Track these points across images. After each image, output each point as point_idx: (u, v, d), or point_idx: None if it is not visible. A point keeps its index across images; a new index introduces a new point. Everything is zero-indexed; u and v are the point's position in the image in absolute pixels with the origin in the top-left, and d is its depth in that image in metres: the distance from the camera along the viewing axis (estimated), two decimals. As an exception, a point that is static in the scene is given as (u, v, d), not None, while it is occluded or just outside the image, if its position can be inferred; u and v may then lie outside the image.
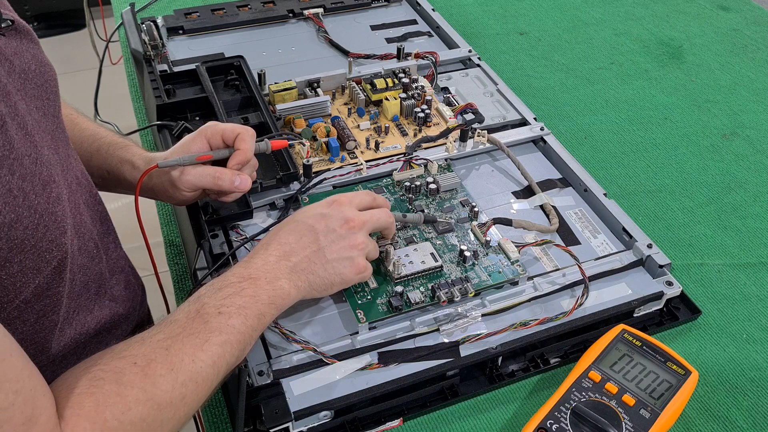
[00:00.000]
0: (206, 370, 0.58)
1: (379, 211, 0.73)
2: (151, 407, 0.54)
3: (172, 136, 0.91)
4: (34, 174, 0.53)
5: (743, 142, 1.05)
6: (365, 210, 0.73)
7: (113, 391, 0.53)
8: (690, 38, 1.28)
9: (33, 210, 0.52)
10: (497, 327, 0.73)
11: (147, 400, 0.54)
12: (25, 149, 0.52)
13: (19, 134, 0.52)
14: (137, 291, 0.76)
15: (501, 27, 1.30)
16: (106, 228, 0.70)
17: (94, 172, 0.77)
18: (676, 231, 0.90)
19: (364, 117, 0.99)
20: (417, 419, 0.70)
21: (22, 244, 0.51)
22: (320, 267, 0.68)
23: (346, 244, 0.69)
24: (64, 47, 2.90)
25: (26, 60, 0.58)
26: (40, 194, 0.53)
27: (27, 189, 0.52)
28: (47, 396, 0.50)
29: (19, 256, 0.52)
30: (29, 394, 0.48)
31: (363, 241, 0.70)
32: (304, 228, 0.68)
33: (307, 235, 0.68)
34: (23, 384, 0.47)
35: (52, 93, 0.62)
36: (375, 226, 0.72)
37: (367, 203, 0.74)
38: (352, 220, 0.70)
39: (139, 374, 0.54)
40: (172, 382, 0.55)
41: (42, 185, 0.53)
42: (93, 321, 0.66)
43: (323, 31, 1.20)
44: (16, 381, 0.47)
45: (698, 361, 0.75)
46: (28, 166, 0.52)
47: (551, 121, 1.06)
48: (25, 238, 0.52)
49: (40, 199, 0.53)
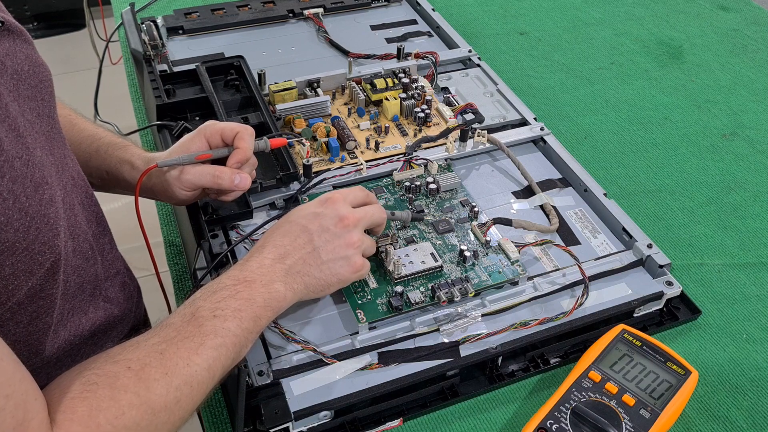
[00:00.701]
0: (201, 374, 0.57)
1: (372, 207, 0.73)
2: (145, 411, 0.53)
3: (172, 136, 0.91)
4: (26, 176, 0.52)
5: (743, 142, 1.05)
6: (359, 206, 0.72)
7: (107, 396, 0.52)
8: (690, 38, 1.28)
9: (24, 212, 0.52)
10: (497, 327, 0.73)
11: (141, 404, 0.53)
12: (16, 151, 0.52)
13: (10, 136, 0.52)
14: (133, 292, 0.76)
15: (501, 27, 1.30)
16: (102, 229, 0.70)
17: (93, 172, 0.77)
18: (676, 231, 0.90)
19: (364, 117, 0.99)
20: (417, 419, 0.70)
21: (13, 246, 0.51)
22: (316, 268, 0.67)
23: (342, 242, 0.68)
24: (64, 47, 2.90)
25: (19, 61, 0.58)
26: (32, 196, 0.53)
27: (18, 191, 0.51)
28: (39, 400, 0.50)
29: (10, 258, 0.51)
30: (21, 398, 0.47)
31: (359, 239, 0.69)
32: (298, 229, 0.68)
33: (302, 236, 0.67)
34: (14, 388, 0.47)
35: (47, 94, 0.61)
36: (369, 223, 0.72)
37: (361, 199, 0.73)
38: (346, 218, 0.69)
39: (133, 378, 0.54)
40: (166, 386, 0.55)
41: (34, 187, 0.53)
42: (88, 323, 0.65)
43: (323, 31, 1.20)
44: (8, 385, 0.46)
45: (698, 361, 0.75)
46: (19, 169, 0.52)
47: (551, 121, 1.06)
48: (16, 240, 0.51)
49: (32, 201, 0.52)
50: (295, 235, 0.67)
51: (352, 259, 0.69)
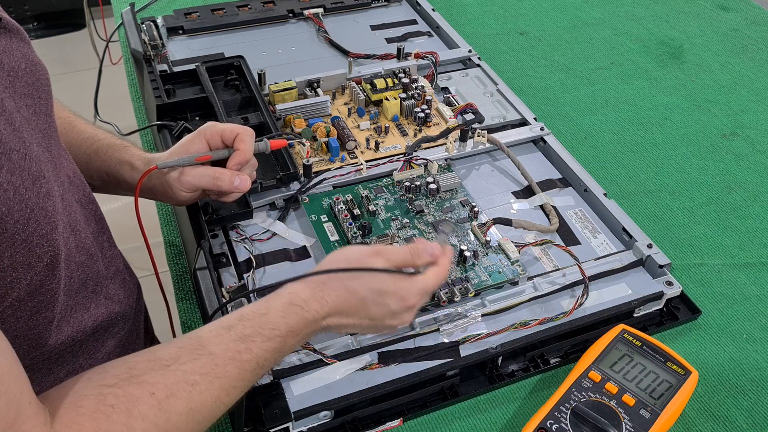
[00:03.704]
0: (222, 409, 0.56)
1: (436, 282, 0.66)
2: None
3: (172, 136, 0.91)
4: (23, 169, 0.52)
5: (743, 142, 1.05)
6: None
7: (121, 422, 0.49)
8: (690, 38, 1.28)
9: (24, 204, 0.51)
10: (497, 327, 0.73)
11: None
12: (13, 144, 0.52)
13: (7, 129, 0.52)
14: (133, 290, 0.76)
15: (501, 27, 1.30)
16: (101, 227, 0.70)
17: (93, 174, 0.77)
18: (676, 231, 0.90)
19: (364, 117, 0.99)
20: (417, 419, 0.70)
21: (12, 238, 0.51)
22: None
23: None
24: (64, 47, 2.90)
25: (16, 58, 0.58)
26: (30, 189, 0.52)
27: (17, 183, 0.51)
28: (34, 404, 0.47)
29: (9, 250, 0.51)
30: (14, 398, 0.45)
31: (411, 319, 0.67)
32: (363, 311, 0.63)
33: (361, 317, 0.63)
34: (8, 387, 0.45)
35: (44, 92, 0.61)
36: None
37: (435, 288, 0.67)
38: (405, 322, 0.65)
39: (155, 408, 0.51)
40: (187, 421, 0.53)
41: (32, 180, 0.53)
42: (90, 319, 0.65)
43: (323, 31, 1.20)
44: (1, 383, 0.45)
45: (698, 361, 0.75)
46: (17, 161, 0.52)
47: (551, 121, 1.06)
48: (16, 232, 0.51)
49: (31, 193, 0.52)
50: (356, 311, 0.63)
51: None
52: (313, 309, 0.61)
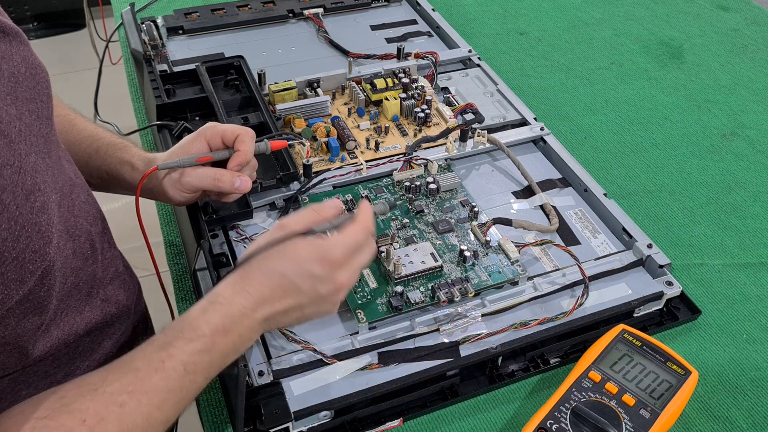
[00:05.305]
0: (157, 427, 0.55)
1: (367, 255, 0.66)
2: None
3: (172, 136, 0.91)
4: (16, 184, 0.51)
5: (743, 142, 1.05)
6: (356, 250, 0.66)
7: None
8: (690, 38, 1.28)
9: (13, 221, 0.50)
10: (497, 327, 0.73)
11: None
12: (6, 159, 0.51)
13: (0, 144, 0.51)
14: (133, 291, 0.76)
15: (501, 27, 1.30)
16: (102, 227, 0.70)
17: (93, 172, 0.77)
18: (676, 231, 0.90)
19: (364, 117, 0.99)
20: (417, 419, 0.70)
21: (1, 256, 0.50)
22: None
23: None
24: (64, 47, 2.90)
25: (16, 63, 0.57)
26: (22, 205, 0.51)
27: (7, 200, 0.50)
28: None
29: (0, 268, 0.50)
30: None
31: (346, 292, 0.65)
32: (291, 288, 0.62)
33: (292, 296, 0.62)
34: None
35: (45, 95, 0.61)
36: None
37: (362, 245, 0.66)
38: (342, 286, 0.63)
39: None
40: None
41: (24, 195, 0.52)
42: (83, 322, 0.65)
43: (323, 31, 1.20)
44: None
45: (698, 361, 0.75)
46: (9, 177, 0.51)
47: (551, 121, 1.06)
48: (5, 249, 0.50)
49: (23, 209, 0.51)
50: (285, 292, 0.62)
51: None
52: (238, 303, 0.59)
